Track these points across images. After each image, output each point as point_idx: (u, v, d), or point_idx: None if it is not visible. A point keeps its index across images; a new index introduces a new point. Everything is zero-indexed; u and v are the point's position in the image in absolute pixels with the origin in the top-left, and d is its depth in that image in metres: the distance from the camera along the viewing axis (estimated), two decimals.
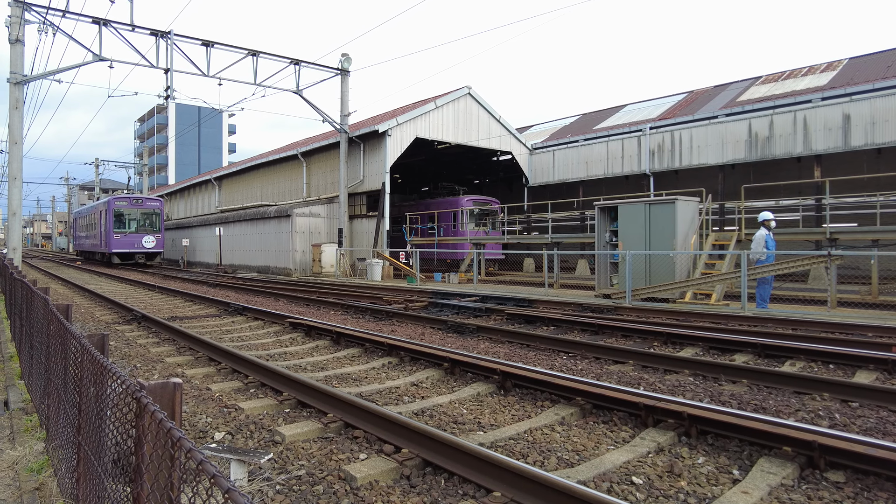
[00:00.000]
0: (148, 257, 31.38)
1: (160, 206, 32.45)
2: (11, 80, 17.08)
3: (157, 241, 31.23)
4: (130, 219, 31.12)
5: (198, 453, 1.30)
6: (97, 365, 2.41)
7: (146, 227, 31.22)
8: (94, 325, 9.99)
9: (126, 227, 30.78)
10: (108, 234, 30.46)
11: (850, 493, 3.22)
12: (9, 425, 4.67)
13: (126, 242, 30.38)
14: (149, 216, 31.60)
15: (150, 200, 32.70)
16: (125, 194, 37.78)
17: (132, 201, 31.88)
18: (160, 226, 31.81)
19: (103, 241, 31.33)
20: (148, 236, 30.89)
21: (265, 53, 21.36)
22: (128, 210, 31.09)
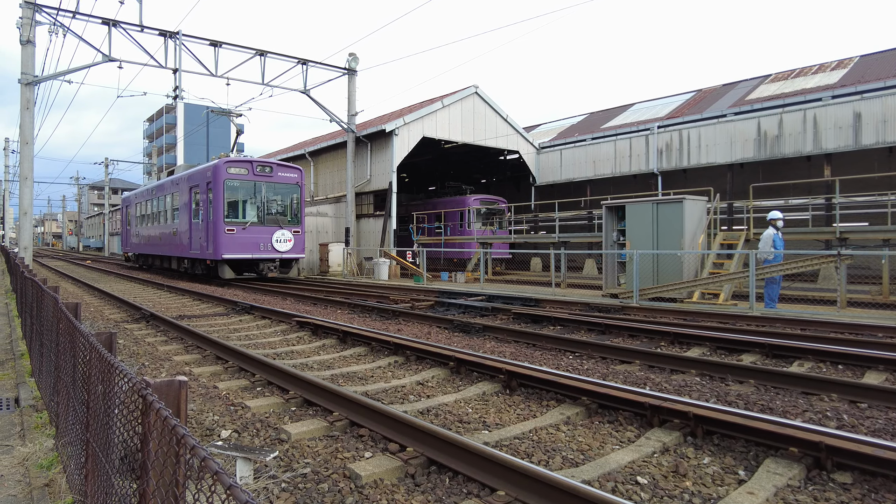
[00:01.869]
0: (281, 266, 18.92)
1: (300, 178, 19.04)
2: (23, 80, 17.26)
3: (295, 240, 18.35)
4: (251, 201, 18.24)
5: (201, 450, 1.31)
6: (105, 363, 2.44)
7: (278, 216, 18.49)
8: (104, 324, 10.09)
9: (242, 214, 17.95)
10: (211, 227, 17.57)
11: (858, 495, 3.20)
12: (19, 422, 4.73)
13: (245, 242, 17.50)
14: (283, 196, 18.81)
15: (283, 169, 18.81)
16: (241, 157, 20.14)
17: (256, 169, 18.05)
18: (300, 213, 18.97)
19: (197, 239, 18.64)
20: (282, 231, 18.05)
21: (273, 53, 21.45)
22: (248, 184, 17.99)
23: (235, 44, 20.54)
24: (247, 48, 20.83)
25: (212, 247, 17.52)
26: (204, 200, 18.21)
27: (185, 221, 19.80)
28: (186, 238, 19.67)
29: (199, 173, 19.10)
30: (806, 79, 22.91)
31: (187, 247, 19.65)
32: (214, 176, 17.62)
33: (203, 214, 18.30)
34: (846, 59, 23.52)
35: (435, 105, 24.42)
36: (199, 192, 18.75)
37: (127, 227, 30.42)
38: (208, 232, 17.80)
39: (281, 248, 18.06)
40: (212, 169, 17.91)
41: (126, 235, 30.77)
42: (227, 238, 17.19)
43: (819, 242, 16.02)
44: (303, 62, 22.36)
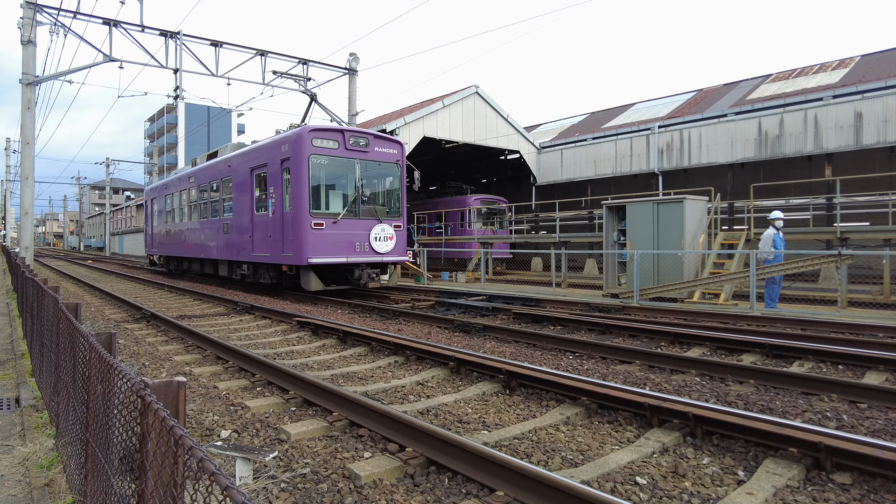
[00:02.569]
0: (379, 270, 14.10)
1: (401, 153, 14.28)
2: (24, 80, 17.28)
3: (396, 238, 13.82)
4: (341, 185, 13.68)
5: (198, 451, 1.32)
6: (104, 363, 2.45)
7: (376, 205, 13.89)
8: (104, 324, 10.10)
9: (330, 203, 13.36)
10: (290, 221, 12.94)
11: (857, 495, 3.20)
12: (20, 422, 4.74)
13: (336, 241, 12.88)
14: (380, 178, 14.24)
15: (381, 141, 13.90)
16: (326, 125, 15.20)
17: (348, 141, 13.19)
18: (402, 201, 14.41)
19: (265, 238, 13.95)
20: (381, 225, 13.51)
21: (273, 53, 21.44)
22: (337, 162, 13.19)
23: (236, 44, 20.55)
24: (247, 48, 20.83)
25: (291, 248, 12.59)
26: (277, 185, 13.24)
27: (245, 215, 14.83)
28: (245, 236, 14.72)
29: (267, 149, 13.88)
30: (807, 78, 22.89)
31: (247, 248, 14.70)
32: (296, 149, 12.48)
33: (275, 204, 13.31)
34: (847, 59, 23.50)
35: (435, 105, 24.42)
36: (267, 175, 13.70)
37: (152, 225, 24.66)
38: (284, 228, 12.92)
39: (381, 248, 13.10)
40: (292, 140, 12.65)
41: (151, 235, 24.98)
42: (314, 236, 12.24)
43: (820, 242, 16.00)
44: (303, 62, 22.36)
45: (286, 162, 13.01)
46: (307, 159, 12.50)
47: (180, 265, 22.31)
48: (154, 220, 24.59)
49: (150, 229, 25.02)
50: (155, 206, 24.51)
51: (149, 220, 25.49)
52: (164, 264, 24.26)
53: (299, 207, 12.51)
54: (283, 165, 13.13)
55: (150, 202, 25.33)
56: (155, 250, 24.79)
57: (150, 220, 25.12)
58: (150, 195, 25.43)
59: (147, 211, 25.92)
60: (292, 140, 12.82)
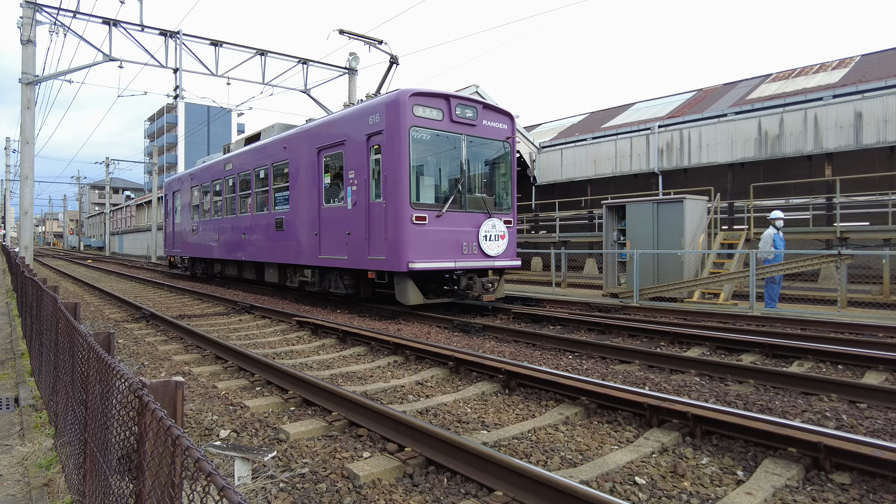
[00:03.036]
0: (491, 277, 10.82)
1: (511, 128, 11.25)
2: (23, 80, 17.27)
3: (508, 236, 10.91)
4: (444, 168, 10.53)
5: (195, 451, 1.31)
6: (102, 363, 2.45)
7: (483, 196, 10.92)
8: (103, 323, 10.10)
9: (428, 193, 10.26)
10: (381, 213, 9.98)
11: (856, 496, 3.20)
12: (19, 421, 4.74)
13: (440, 241, 9.94)
14: (487, 160, 11.12)
15: (490, 113, 10.89)
16: (427, 88, 10.20)
17: (454, 110, 10.19)
18: (511, 189, 11.35)
19: (340, 236, 11.11)
20: (491, 221, 10.57)
21: (273, 53, 21.44)
22: (441, 138, 10.22)
23: (236, 43, 20.54)
24: (247, 48, 20.82)
25: (383, 248, 9.77)
26: (360, 168, 10.32)
27: (308, 208, 11.97)
28: (309, 235, 11.89)
29: (344, 123, 11.02)
30: (807, 78, 22.88)
31: (310, 248, 11.83)
32: (393, 120, 9.61)
33: (357, 193, 10.41)
34: (847, 59, 23.50)
35: None
36: (345, 156, 10.83)
37: (174, 222, 21.69)
38: (372, 223, 10.07)
39: (491, 249, 10.23)
40: (387, 108, 9.78)
41: (172, 233, 21.94)
42: (415, 233, 9.50)
43: (820, 242, 16.00)
44: (303, 62, 22.35)
45: (375, 137, 10.10)
46: (408, 133, 9.54)
47: (210, 269, 19.23)
48: (177, 216, 21.30)
49: (172, 227, 21.93)
50: (178, 201, 21.15)
51: (170, 216, 22.15)
52: (188, 267, 21.02)
53: (396, 197, 9.54)
54: (370, 142, 10.19)
55: (172, 196, 21.90)
56: (177, 251, 21.59)
57: (172, 216, 21.89)
58: (172, 188, 21.92)
59: (168, 206, 22.46)
60: (387, 107, 9.76)
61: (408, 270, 9.47)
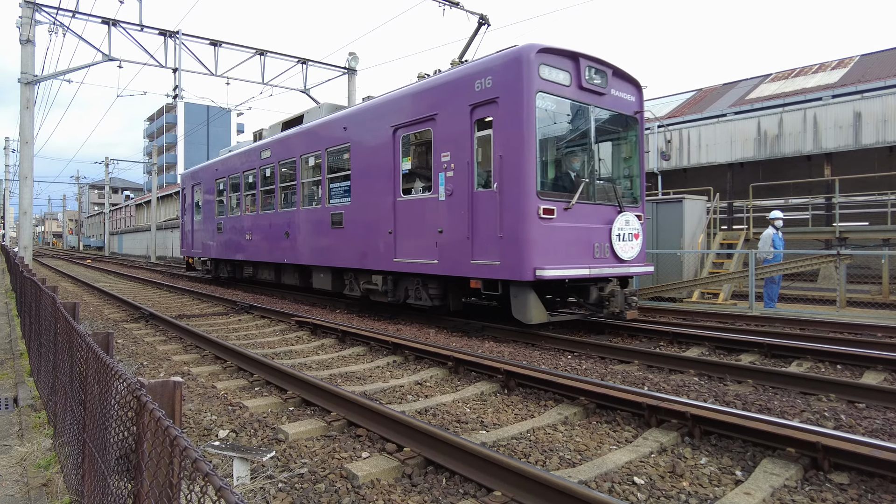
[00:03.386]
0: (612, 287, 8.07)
1: (638, 102, 8.88)
2: (22, 80, 17.26)
3: (640, 236, 8.63)
4: (565, 151, 8.37)
5: (193, 451, 1.31)
6: (101, 363, 2.45)
7: (613, 184, 8.65)
8: (102, 323, 10.09)
9: (554, 180, 8.05)
10: (491, 206, 7.74)
11: (854, 496, 3.20)
12: (18, 422, 4.74)
13: (570, 240, 7.73)
14: (615, 142, 8.98)
15: (619, 80, 8.57)
16: (554, 44, 7.64)
17: (583, 75, 7.93)
18: (639, 178, 9.02)
19: (424, 234, 8.90)
20: (624, 216, 8.33)
21: (272, 52, 21.44)
22: (567, 109, 8.04)
23: (235, 43, 20.55)
24: (246, 48, 20.82)
25: (497, 250, 7.69)
26: (458, 148, 8.24)
27: (378, 200, 9.86)
28: (382, 233, 9.72)
29: (436, 92, 8.78)
30: (806, 78, 22.91)
31: (381, 250, 9.77)
32: (513, 83, 7.53)
33: (453, 181, 8.33)
34: (846, 59, 23.52)
35: None
36: (434, 133, 8.72)
37: (192, 220, 19.61)
38: (476, 217, 8.01)
39: (625, 251, 8.32)
40: (505, 68, 7.68)
41: (191, 232, 19.81)
42: (542, 231, 7.47)
43: (819, 242, 16.02)
44: (303, 61, 22.36)
45: (484, 108, 7.85)
46: (534, 101, 7.34)
47: (238, 272, 17.10)
48: (196, 213, 19.24)
49: (190, 225, 19.82)
50: (200, 196, 18.90)
51: (188, 213, 20.01)
52: (210, 269, 19.00)
53: (517, 184, 7.36)
54: (474, 115, 7.97)
55: (191, 190, 19.67)
56: (197, 251, 19.30)
57: (190, 213, 19.79)
58: (191, 181, 19.70)
59: (186, 202, 20.27)
60: (505, 68, 7.59)
61: (533, 279, 7.24)
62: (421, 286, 9.34)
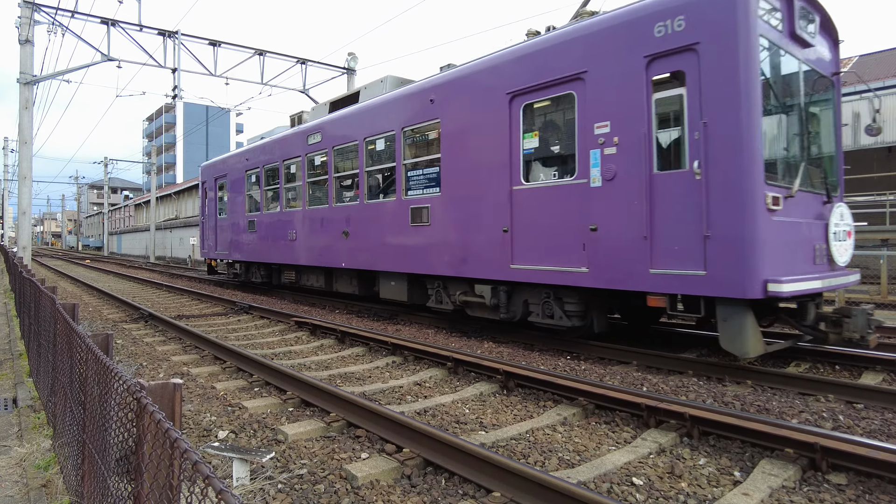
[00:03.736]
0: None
1: (834, 61, 7.12)
2: (21, 80, 17.25)
3: (853, 234, 6.79)
4: (775, 118, 6.06)
5: (193, 454, 1.32)
6: (101, 365, 2.45)
7: (821, 167, 6.76)
8: (102, 324, 10.09)
9: (770, 156, 5.74)
10: (721, 189, 5.38)
11: (852, 496, 3.21)
12: (17, 422, 4.74)
13: (794, 241, 5.75)
14: (816, 112, 6.85)
15: (822, 33, 6.71)
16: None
17: (795, 17, 6.02)
18: (839, 161, 7.21)
19: (558, 232, 6.89)
20: (839, 209, 6.49)
21: (272, 53, 21.45)
22: (785, 63, 6.07)
23: (234, 43, 20.55)
24: (246, 48, 20.83)
25: (700, 254, 5.61)
26: (626, 115, 6.29)
27: (488, 188, 7.92)
28: (491, 230, 7.87)
29: (596, 37, 6.67)
30: None
31: (494, 251, 7.81)
32: (725, 23, 5.47)
33: (622, 158, 6.31)
34: (845, 59, 23.53)
35: None
36: (585, 95, 6.71)
37: (216, 217, 17.46)
38: (655, 208, 6.04)
39: (841, 256, 6.59)
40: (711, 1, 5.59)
41: (214, 229, 17.62)
42: (771, 227, 5.45)
43: None
44: (302, 61, 22.37)
45: (669, 60, 5.96)
46: (756, 45, 5.47)
47: (276, 276, 15.02)
48: (221, 209, 17.12)
49: (213, 223, 17.53)
50: (225, 189, 16.88)
51: (210, 208, 17.82)
52: (239, 273, 16.76)
53: (734, 160, 5.46)
54: (651, 69, 6.10)
55: (214, 184, 17.51)
56: (223, 253, 17.04)
57: (213, 209, 17.55)
58: (213, 173, 17.56)
59: (208, 196, 18.11)
60: (711, 1, 5.63)
61: (763, 295, 5.26)
62: (553, 300, 7.21)
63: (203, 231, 18.63)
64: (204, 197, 18.43)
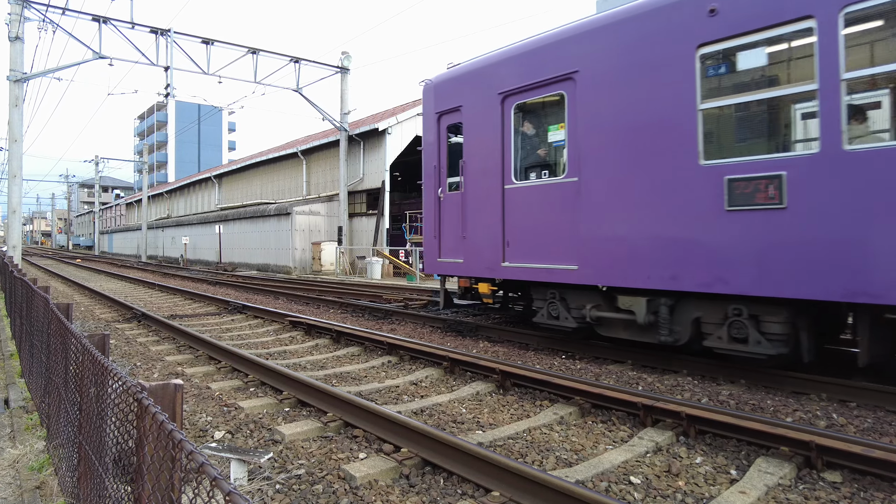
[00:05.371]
0: None
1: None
2: (11, 77, 17.08)
3: None
4: None
5: (199, 455, 1.31)
6: (98, 365, 2.43)
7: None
8: (95, 324, 10.01)
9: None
10: None
11: (847, 494, 3.24)
12: (9, 423, 4.69)
13: None
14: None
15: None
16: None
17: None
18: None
19: None
20: None
21: (265, 51, 21.36)
22: None
23: (227, 41, 20.45)
24: (239, 46, 20.73)
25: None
26: None
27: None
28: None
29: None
30: None
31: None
32: None
33: None
34: None
35: None
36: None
37: (478, 189, 8.15)
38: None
39: None
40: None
41: (459, 220, 8.45)
42: None
43: None
44: (295, 60, 22.28)
45: None
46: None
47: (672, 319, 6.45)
48: (521, 175, 7.68)
49: (459, 207, 8.54)
50: (527, 134, 7.73)
51: (468, 176, 8.34)
52: (567, 314, 7.11)
53: None
54: None
55: (472, 123, 8.30)
56: (510, 267, 7.69)
57: (463, 176, 8.41)
58: (457, 97, 8.58)
59: (440, 156, 8.99)
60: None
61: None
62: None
63: (435, 219, 9.02)
64: (436, 154, 8.97)
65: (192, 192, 45.62)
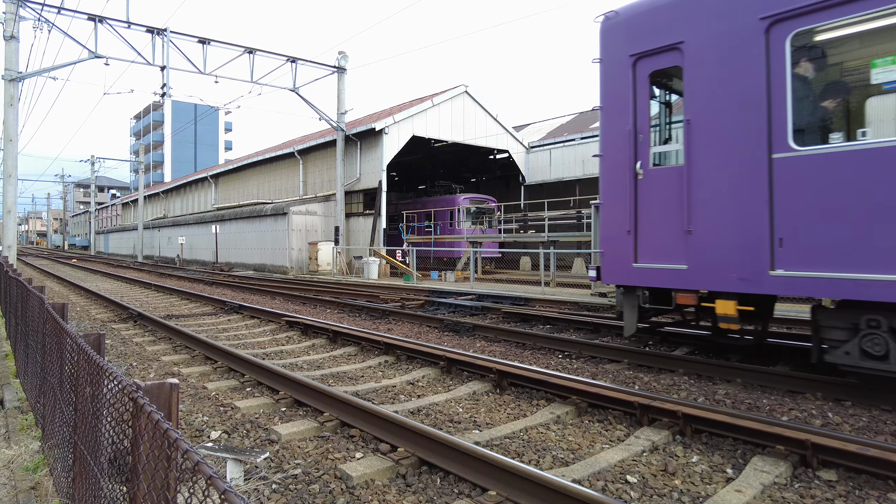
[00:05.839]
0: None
1: None
2: (6, 77, 17.00)
3: None
4: None
5: (195, 454, 1.31)
6: (94, 365, 2.42)
7: None
8: (90, 324, 9.97)
9: None
10: None
11: (843, 492, 3.25)
12: (4, 424, 4.67)
13: None
14: None
15: None
16: None
17: None
18: None
19: None
20: None
21: (262, 51, 21.32)
22: None
23: (224, 41, 20.40)
24: (235, 45, 20.68)
25: None
26: None
27: None
28: None
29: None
30: None
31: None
32: None
33: None
34: None
35: (425, 104, 24.41)
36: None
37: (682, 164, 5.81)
38: None
39: None
40: None
41: (689, 194, 5.68)
42: None
43: None
44: (292, 60, 22.25)
45: None
46: None
47: None
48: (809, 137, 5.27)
49: (701, 178, 5.70)
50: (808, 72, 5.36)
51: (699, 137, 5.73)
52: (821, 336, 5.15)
53: None
54: None
55: (713, 60, 5.61)
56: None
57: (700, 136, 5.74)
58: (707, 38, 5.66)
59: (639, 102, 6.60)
60: None
61: None
62: None
63: (629, 208, 6.41)
64: (631, 105, 6.75)
65: (189, 191, 45.50)
